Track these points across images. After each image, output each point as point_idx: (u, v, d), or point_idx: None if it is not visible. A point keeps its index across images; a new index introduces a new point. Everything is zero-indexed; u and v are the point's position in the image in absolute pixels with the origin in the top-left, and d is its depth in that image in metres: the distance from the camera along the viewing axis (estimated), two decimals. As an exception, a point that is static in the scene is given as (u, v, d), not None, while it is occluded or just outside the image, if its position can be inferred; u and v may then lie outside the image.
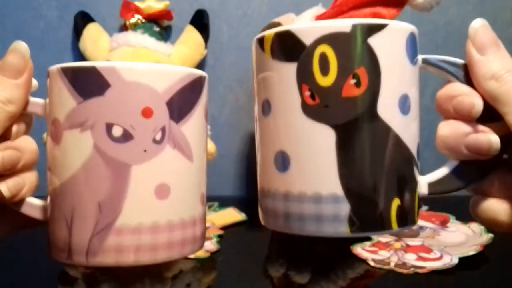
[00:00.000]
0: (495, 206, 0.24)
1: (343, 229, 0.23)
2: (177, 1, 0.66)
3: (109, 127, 0.24)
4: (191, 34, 0.64)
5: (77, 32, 0.63)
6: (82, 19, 0.63)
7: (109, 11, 0.65)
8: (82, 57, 0.63)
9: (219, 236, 0.49)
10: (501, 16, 0.68)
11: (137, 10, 0.63)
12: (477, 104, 0.23)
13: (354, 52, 0.23)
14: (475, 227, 0.47)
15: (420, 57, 0.25)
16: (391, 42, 0.23)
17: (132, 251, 0.25)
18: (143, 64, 0.25)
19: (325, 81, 0.23)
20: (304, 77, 0.23)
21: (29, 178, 0.27)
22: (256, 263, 0.43)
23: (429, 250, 0.42)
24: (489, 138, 0.23)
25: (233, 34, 0.68)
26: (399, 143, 0.24)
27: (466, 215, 0.27)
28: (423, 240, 0.45)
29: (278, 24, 0.53)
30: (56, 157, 0.26)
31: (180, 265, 0.41)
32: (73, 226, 0.25)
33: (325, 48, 0.23)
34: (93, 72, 0.24)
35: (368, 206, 0.23)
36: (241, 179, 0.72)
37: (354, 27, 0.23)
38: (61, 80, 0.25)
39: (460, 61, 0.25)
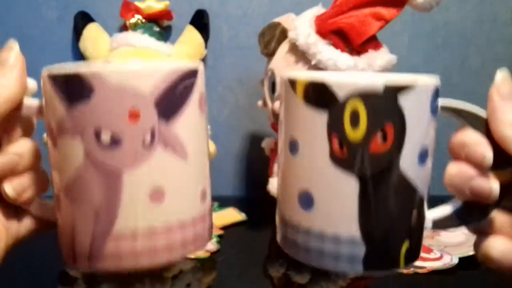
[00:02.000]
0: (490, 243, 0.26)
1: (358, 268, 0.25)
2: (177, 1, 0.66)
3: (97, 132, 0.24)
4: (191, 34, 0.63)
5: (77, 32, 0.63)
6: (82, 19, 0.63)
7: (109, 11, 0.65)
8: (82, 57, 0.63)
9: (219, 236, 0.49)
10: (501, 16, 0.68)
11: (137, 10, 0.63)
12: (488, 156, 0.24)
13: (385, 109, 0.24)
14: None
15: (439, 105, 0.26)
16: (418, 100, 0.24)
17: (130, 256, 0.24)
18: (127, 65, 0.24)
19: (355, 135, 0.24)
20: (335, 128, 0.24)
21: (36, 178, 0.27)
22: (256, 263, 0.43)
23: (429, 250, 0.42)
24: (491, 185, 0.25)
25: (233, 34, 0.68)
26: (416, 193, 0.25)
27: (466, 215, 0.27)
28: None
29: (278, 24, 0.53)
30: (55, 160, 0.26)
31: (180, 265, 0.41)
32: (75, 232, 0.25)
33: (357, 103, 0.23)
34: (77, 78, 0.23)
35: (382, 249, 0.25)
36: (241, 179, 0.72)
37: (386, 86, 0.23)
38: (50, 86, 0.24)
39: (476, 108, 0.26)
